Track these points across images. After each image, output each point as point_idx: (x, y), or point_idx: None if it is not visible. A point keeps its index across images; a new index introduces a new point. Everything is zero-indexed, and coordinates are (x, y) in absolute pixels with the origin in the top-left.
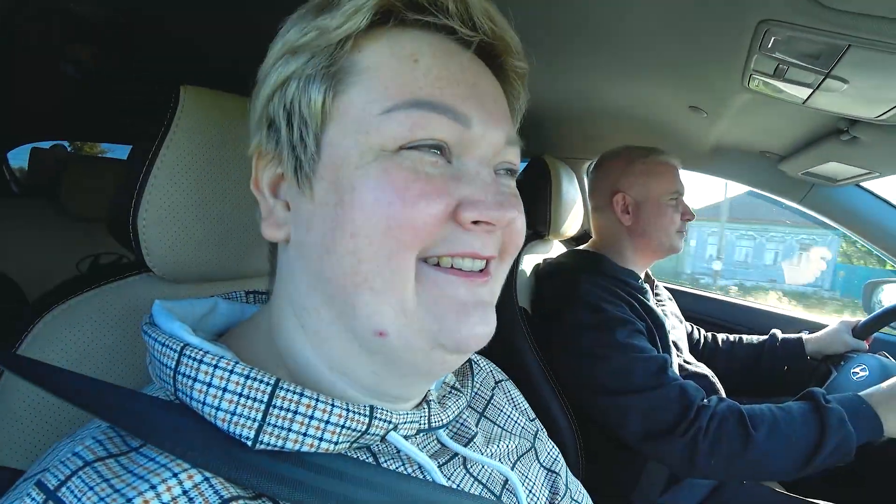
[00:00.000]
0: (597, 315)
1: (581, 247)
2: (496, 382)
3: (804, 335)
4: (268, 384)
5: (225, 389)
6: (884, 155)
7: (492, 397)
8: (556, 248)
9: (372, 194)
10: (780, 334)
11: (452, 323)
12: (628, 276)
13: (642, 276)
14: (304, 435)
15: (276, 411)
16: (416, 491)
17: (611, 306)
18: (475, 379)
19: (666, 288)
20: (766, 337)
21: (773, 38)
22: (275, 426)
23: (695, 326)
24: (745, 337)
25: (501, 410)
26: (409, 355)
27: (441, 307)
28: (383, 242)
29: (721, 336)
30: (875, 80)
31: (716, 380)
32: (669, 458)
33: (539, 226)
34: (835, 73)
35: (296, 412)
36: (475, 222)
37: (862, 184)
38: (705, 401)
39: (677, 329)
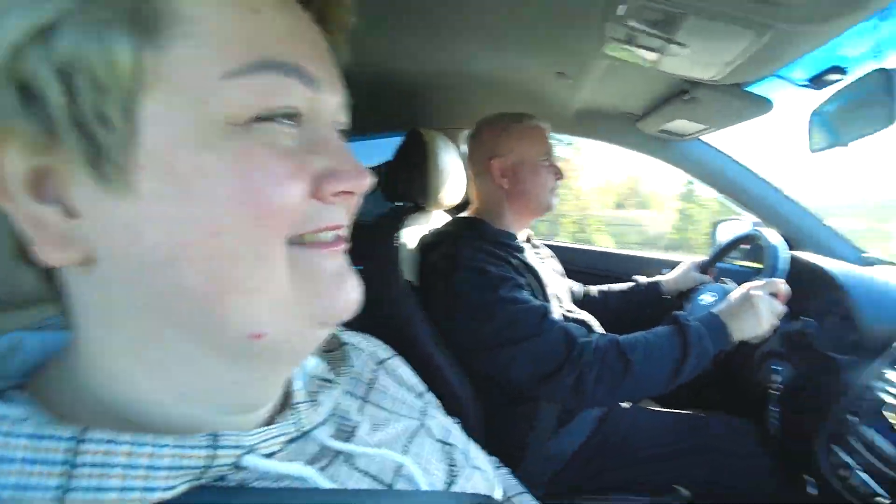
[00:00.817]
0: (480, 277)
1: (462, 214)
2: (379, 362)
3: (660, 278)
4: (68, 439)
5: (11, 460)
6: (716, 111)
7: (375, 380)
8: (438, 219)
9: (232, 182)
10: (641, 279)
11: (330, 297)
12: (507, 237)
13: (521, 236)
14: (125, 489)
15: (82, 470)
16: (290, 502)
17: (493, 267)
18: (352, 364)
19: (547, 245)
20: (631, 284)
21: (623, 7)
22: (85, 489)
23: (575, 283)
24: (613, 286)
25: (386, 392)
26: (286, 345)
27: (316, 285)
28: (252, 236)
29: (594, 289)
30: (708, 45)
31: (595, 323)
32: (560, 395)
33: (418, 198)
34: (676, 39)
35: (111, 465)
36: (336, 194)
37: (702, 137)
38: (586, 338)
39: (558, 283)
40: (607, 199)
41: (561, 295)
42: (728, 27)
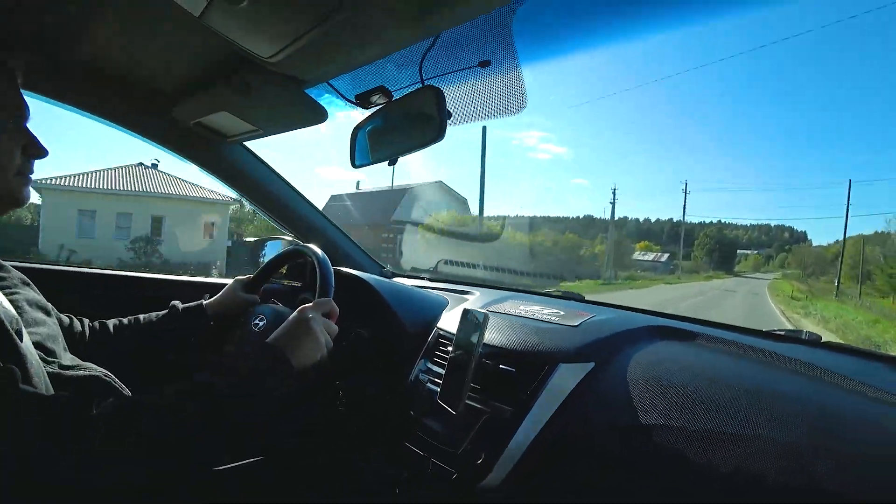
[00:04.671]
0: None
1: None
2: None
3: (204, 301)
4: None
5: None
6: (270, 109)
7: None
8: None
9: None
10: (180, 305)
11: None
12: None
13: None
14: None
15: None
16: None
17: None
18: None
19: (16, 268)
20: (165, 311)
21: None
22: None
23: (75, 317)
24: (142, 316)
25: None
26: None
27: None
28: None
29: (112, 321)
30: (270, 10)
31: (113, 378)
32: None
33: None
34: None
35: None
36: None
37: (247, 144)
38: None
39: (41, 325)
40: None
41: (49, 343)
42: None
